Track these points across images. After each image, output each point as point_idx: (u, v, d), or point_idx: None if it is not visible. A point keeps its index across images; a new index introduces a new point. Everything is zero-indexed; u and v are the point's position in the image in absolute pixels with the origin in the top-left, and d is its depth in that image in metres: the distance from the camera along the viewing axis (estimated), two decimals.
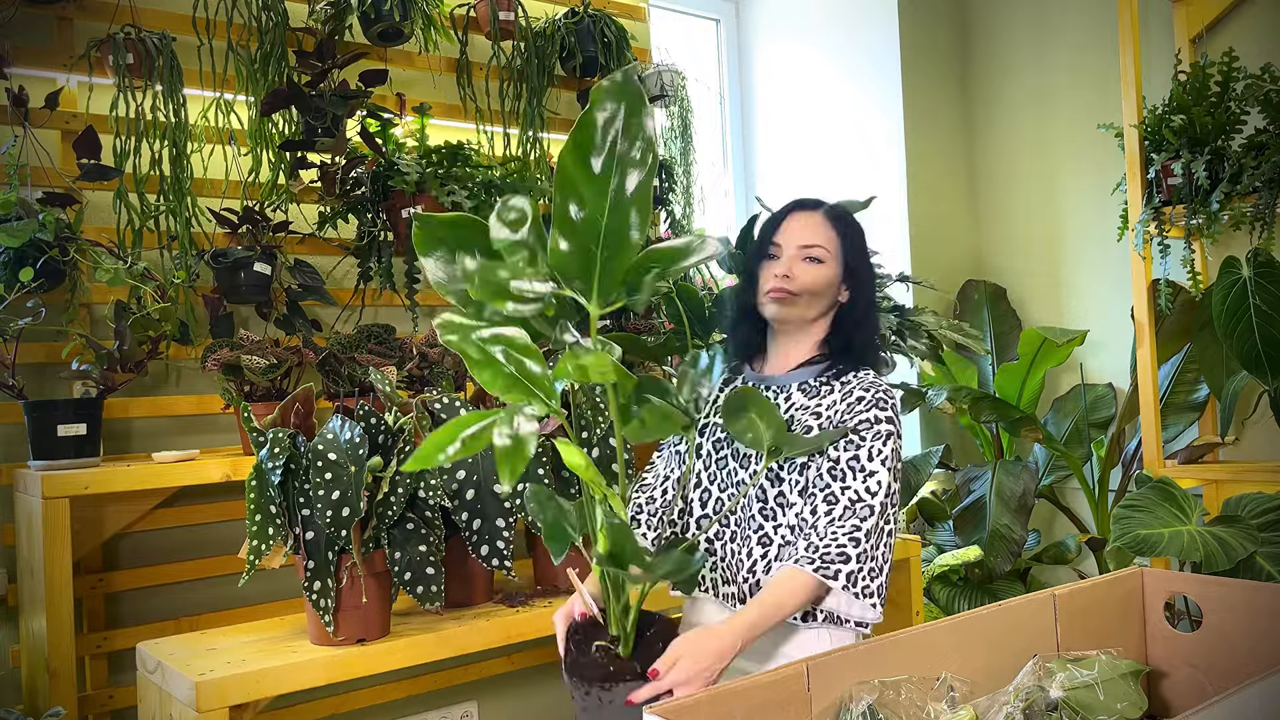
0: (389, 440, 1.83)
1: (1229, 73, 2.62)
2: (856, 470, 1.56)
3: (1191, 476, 2.76)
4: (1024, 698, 1.23)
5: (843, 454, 1.58)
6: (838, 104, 3.79)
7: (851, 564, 1.51)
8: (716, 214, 3.82)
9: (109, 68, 2.22)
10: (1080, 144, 3.46)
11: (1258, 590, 1.43)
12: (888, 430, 1.59)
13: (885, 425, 1.59)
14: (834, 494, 1.55)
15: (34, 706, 2.01)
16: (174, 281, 2.29)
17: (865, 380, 1.64)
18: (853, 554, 1.51)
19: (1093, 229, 3.44)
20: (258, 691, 1.67)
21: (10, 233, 1.96)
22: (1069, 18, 3.50)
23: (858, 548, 1.51)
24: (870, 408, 1.60)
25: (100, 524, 2.13)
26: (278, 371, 2.18)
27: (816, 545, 1.52)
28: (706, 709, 1.05)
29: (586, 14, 2.91)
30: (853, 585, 1.51)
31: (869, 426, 1.59)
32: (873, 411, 1.60)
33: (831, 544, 1.52)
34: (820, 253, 1.65)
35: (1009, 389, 3.35)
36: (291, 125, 2.48)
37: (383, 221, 2.58)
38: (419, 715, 2.65)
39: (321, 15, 2.52)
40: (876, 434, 1.58)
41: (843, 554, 1.51)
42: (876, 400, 1.61)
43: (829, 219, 1.69)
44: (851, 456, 1.57)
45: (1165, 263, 2.78)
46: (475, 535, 1.96)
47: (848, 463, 1.57)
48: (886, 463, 1.57)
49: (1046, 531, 3.56)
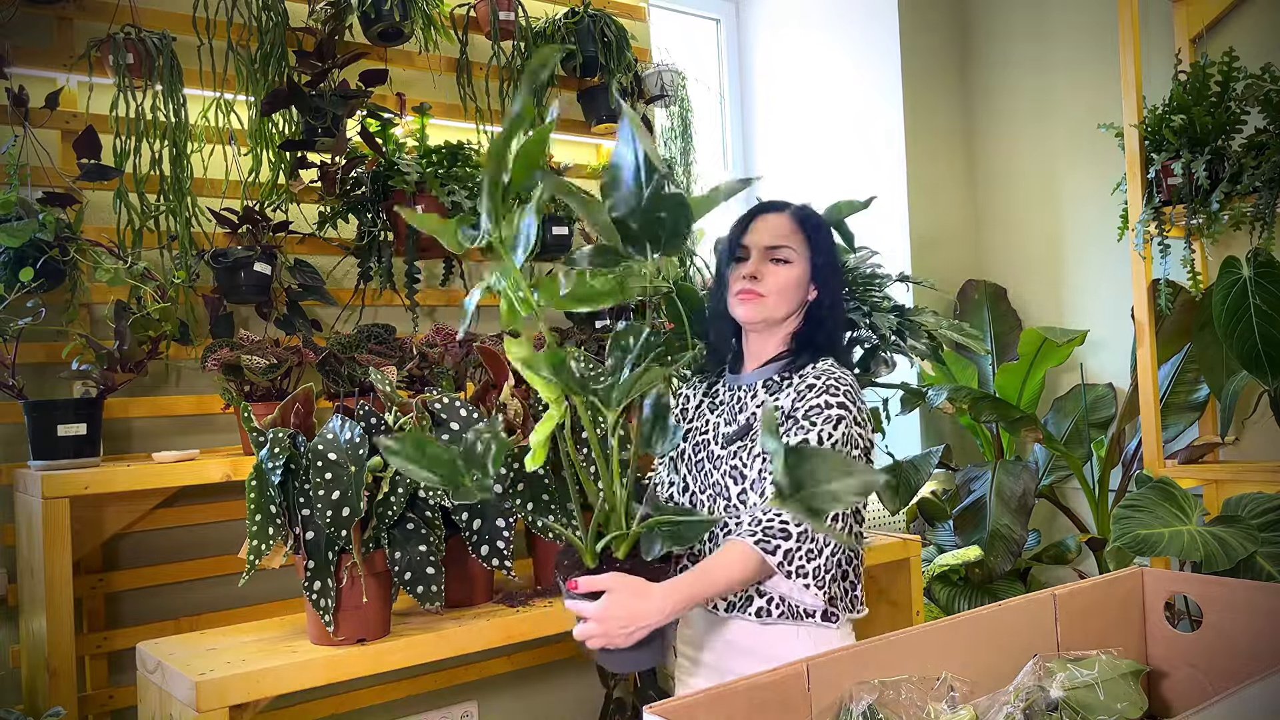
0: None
1: (1229, 73, 2.62)
2: None
3: (1191, 476, 2.76)
4: (1024, 698, 1.23)
5: (791, 439, 1.57)
6: (838, 104, 3.79)
7: (791, 542, 1.49)
8: (717, 213, 3.82)
9: (109, 68, 2.22)
10: (1080, 144, 3.46)
11: (1258, 590, 1.43)
12: (838, 415, 1.58)
13: (836, 410, 1.58)
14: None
15: (34, 706, 2.01)
16: (174, 281, 2.29)
17: (818, 369, 1.65)
18: (794, 531, 1.49)
19: (1093, 229, 3.44)
20: (258, 691, 1.67)
21: (10, 233, 1.96)
22: (1069, 18, 3.50)
23: (800, 526, 1.50)
24: (820, 394, 1.60)
25: (100, 524, 2.13)
26: (278, 371, 2.18)
27: (759, 519, 1.52)
28: (706, 709, 1.05)
29: (586, 14, 2.91)
30: (788, 563, 1.49)
31: (819, 412, 1.58)
32: (823, 397, 1.60)
33: (775, 519, 1.51)
34: (787, 253, 1.68)
35: (1009, 389, 3.35)
36: (291, 125, 2.48)
37: (383, 221, 2.58)
38: (419, 715, 2.65)
39: (321, 15, 2.52)
40: (827, 419, 1.57)
41: (784, 530, 1.49)
42: (827, 386, 1.61)
43: (795, 219, 1.71)
44: (800, 441, 1.55)
45: (1165, 263, 2.78)
46: (475, 535, 1.96)
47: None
48: (837, 446, 1.55)
49: (1046, 531, 3.56)
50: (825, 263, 1.71)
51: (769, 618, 1.63)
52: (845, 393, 1.61)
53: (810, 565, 1.51)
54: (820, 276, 1.71)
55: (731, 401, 1.74)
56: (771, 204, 1.75)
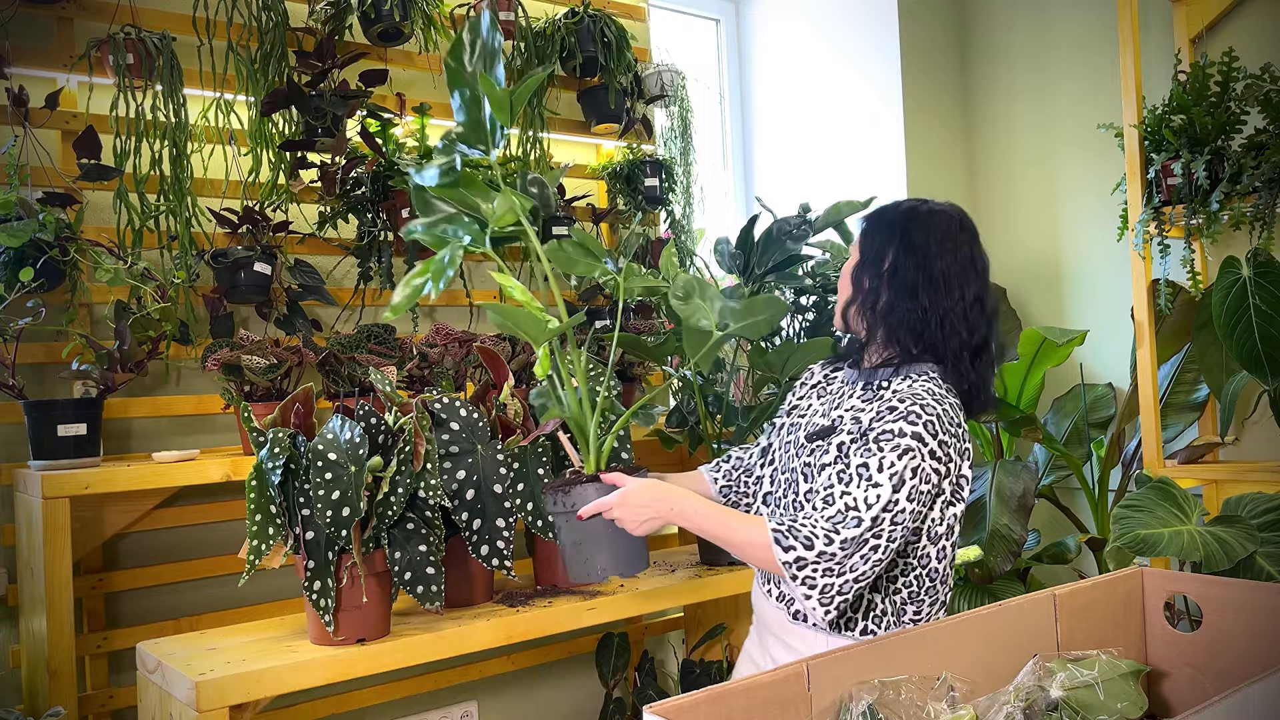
0: (389, 440, 1.83)
1: (1229, 73, 2.62)
2: (863, 478, 1.49)
3: (1191, 476, 2.76)
4: (1024, 698, 1.23)
5: (853, 459, 1.53)
6: (838, 104, 3.79)
7: (810, 554, 1.46)
8: (716, 213, 3.82)
9: (109, 68, 2.22)
10: (1080, 144, 3.46)
11: (1258, 590, 1.43)
12: (907, 445, 1.50)
13: (909, 440, 1.50)
14: (833, 495, 1.51)
15: (34, 706, 2.01)
16: (174, 281, 2.29)
17: (911, 389, 1.57)
18: (819, 547, 1.46)
19: (1093, 229, 3.44)
20: (258, 691, 1.67)
21: (10, 233, 1.96)
22: (1069, 18, 3.50)
23: (829, 546, 1.46)
24: (898, 419, 1.52)
25: (100, 524, 2.13)
26: (278, 371, 2.18)
27: (794, 519, 1.51)
28: (706, 709, 1.05)
29: (586, 14, 2.91)
30: (796, 568, 1.46)
31: (889, 439, 1.51)
32: (899, 424, 1.52)
33: (805, 525, 1.48)
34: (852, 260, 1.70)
35: (1009, 389, 3.35)
36: (291, 125, 2.48)
37: (383, 221, 2.58)
38: (419, 715, 2.65)
39: (321, 15, 2.52)
40: (895, 447, 1.50)
41: (808, 541, 1.47)
42: (908, 413, 1.52)
43: (860, 224, 1.73)
44: (861, 463, 1.51)
45: (1165, 263, 2.78)
46: (475, 535, 1.96)
47: (857, 468, 1.51)
48: (894, 478, 1.48)
49: (1046, 531, 3.56)
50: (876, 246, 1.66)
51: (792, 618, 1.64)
52: (926, 424, 1.51)
53: (821, 581, 1.47)
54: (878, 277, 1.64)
55: (837, 394, 1.70)
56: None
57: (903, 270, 1.62)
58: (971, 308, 1.63)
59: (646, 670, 2.88)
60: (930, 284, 1.60)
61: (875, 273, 1.64)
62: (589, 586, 2.15)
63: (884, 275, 1.63)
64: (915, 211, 1.66)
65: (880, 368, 1.65)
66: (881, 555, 1.48)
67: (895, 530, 1.48)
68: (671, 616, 3.07)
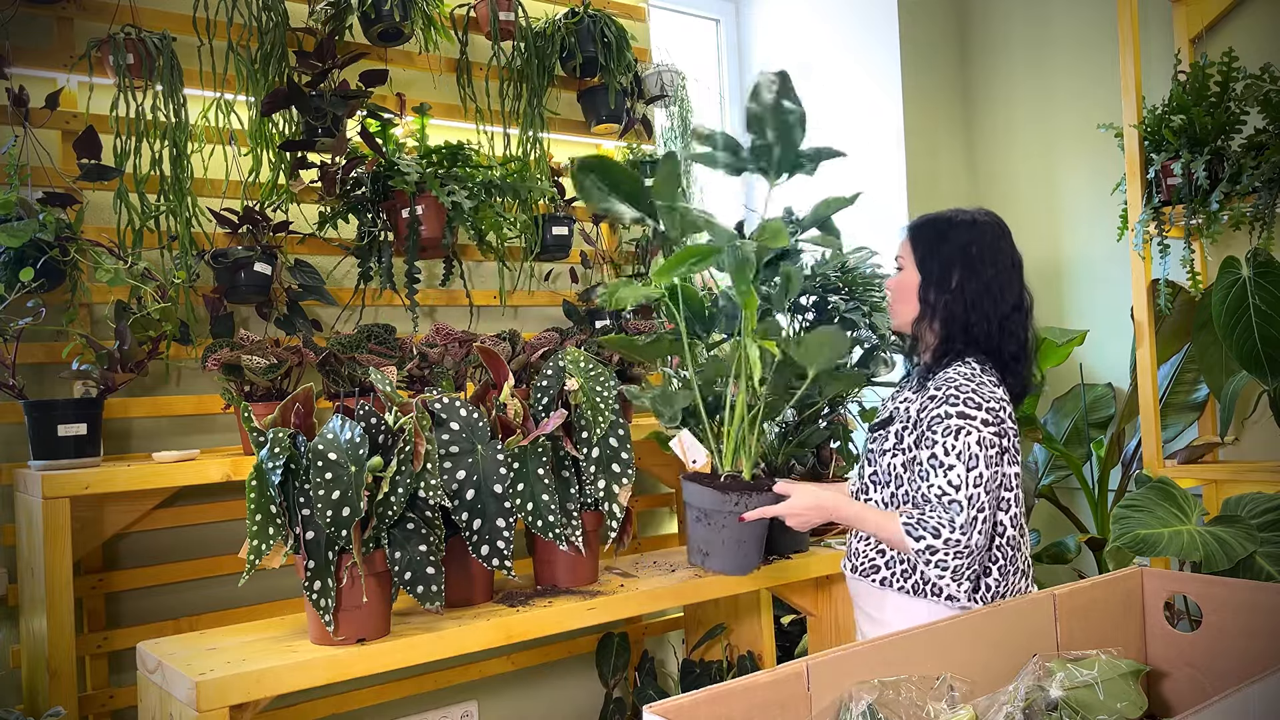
0: (389, 440, 1.83)
1: (1229, 73, 2.62)
2: (937, 468, 1.68)
3: (1191, 476, 2.76)
4: (1024, 697, 1.23)
5: (922, 453, 1.72)
6: (838, 104, 3.79)
7: (938, 542, 1.65)
8: (718, 213, 3.82)
9: (109, 68, 2.22)
10: (1080, 144, 3.46)
11: (1258, 590, 1.43)
12: (958, 425, 1.68)
13: (956, 420, 1.68)
14: (923, 494, 1.70)
15: (34, 706, 2.01)
16: (174, 281, 2.29)
17: (946, 375, 1.76)
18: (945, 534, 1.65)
19: (1093, 229, 3.44)
20: (258, 691, 1.67)
21: (10, 233, 1.96)
22: (1069, 17, 3.50)
23: (953, 533, 1.65)
24: (940, 405, 1.71)
25: (100, 524, 2.13)
26: (278, 371, 2.18)
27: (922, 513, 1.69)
28: (706, 709, 1.05)
29: (586, 14, 2.91)
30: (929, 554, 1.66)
31: (939, 422, 1.70)
32: (942, 408, 1.71)
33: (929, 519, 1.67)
34: (901, 261, 1.88)
35: None
36: (291, 125, 2.48)
37: (383, 221, 2.58)
38: (419, 715, 2.65)
39: (321, 15, 2.52)
40: (947, 429, 1.69)
41: (935, 531, 1.66)
42: (946, 396, 1.71)
43: (907, 231, 1.90)
44: (930, 455, 1.70)
45: (1165, 263, 2.77)
46: (475, 535, 1.96)
47: (929, 461, 1.70)
48: (962, 455, 1.66)
49: (1046, 531, 3.56)
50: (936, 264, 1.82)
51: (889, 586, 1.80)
52: (966, 399, 1.70)
53: (953, 564, 1.66)
54: (931, 277, 1.81)
55: (903, 388, 1.91)
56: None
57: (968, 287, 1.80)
58: (1016, 309, 1.83)
59: (646, 670, 2.88)
60: (988, 294, 1.80)
61: (941, 290, 1.81)
62: (589, 586, 2.16)
63: (951, 291, 1.80)
64: (963, 225, 1.84)
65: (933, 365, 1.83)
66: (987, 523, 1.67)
67: (987, 498, 1.68)
68: (671, 616, 3.07)
